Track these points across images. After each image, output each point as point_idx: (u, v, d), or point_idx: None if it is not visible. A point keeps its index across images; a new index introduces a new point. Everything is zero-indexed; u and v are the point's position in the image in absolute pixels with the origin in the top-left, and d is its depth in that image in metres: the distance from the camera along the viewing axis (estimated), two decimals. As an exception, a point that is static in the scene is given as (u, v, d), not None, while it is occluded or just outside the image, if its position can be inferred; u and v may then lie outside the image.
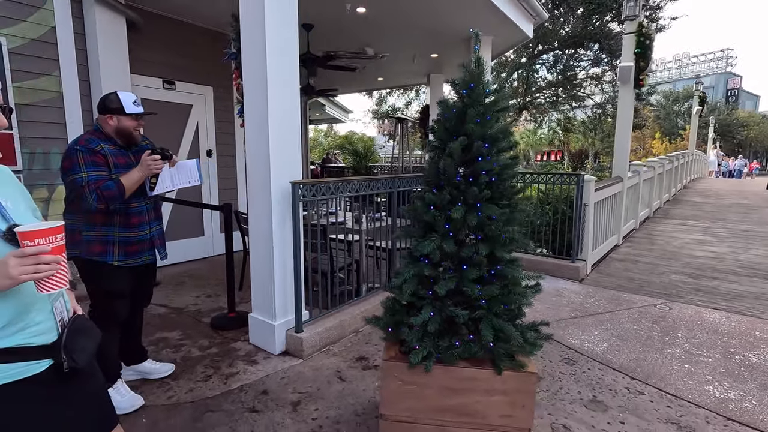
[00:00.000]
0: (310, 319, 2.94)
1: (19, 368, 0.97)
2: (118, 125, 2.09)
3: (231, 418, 2.15)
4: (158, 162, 2.07)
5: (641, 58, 5.69)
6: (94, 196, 1.93)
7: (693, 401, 2.37)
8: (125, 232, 2.11)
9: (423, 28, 5.31)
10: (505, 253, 1.68)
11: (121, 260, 2.11)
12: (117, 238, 2.09)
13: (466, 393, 1.68)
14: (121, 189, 1.99)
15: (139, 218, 2.16)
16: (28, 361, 0.98)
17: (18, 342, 0.97)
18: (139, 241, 2.17)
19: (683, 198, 11.11)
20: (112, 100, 2.07)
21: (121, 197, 2.00)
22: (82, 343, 1.08)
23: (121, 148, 2.13)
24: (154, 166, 2.07)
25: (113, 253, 2.08)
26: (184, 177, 2.28)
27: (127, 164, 2.11)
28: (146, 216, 2.20)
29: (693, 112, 16.70)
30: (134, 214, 2.14)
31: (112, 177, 2.02)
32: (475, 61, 1.69)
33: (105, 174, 2.01)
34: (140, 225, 2.16)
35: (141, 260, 2.20)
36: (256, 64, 2.64)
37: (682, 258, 5.48)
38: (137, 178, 2.05)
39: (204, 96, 5.18)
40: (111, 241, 2.07)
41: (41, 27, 3.67)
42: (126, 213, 2.11)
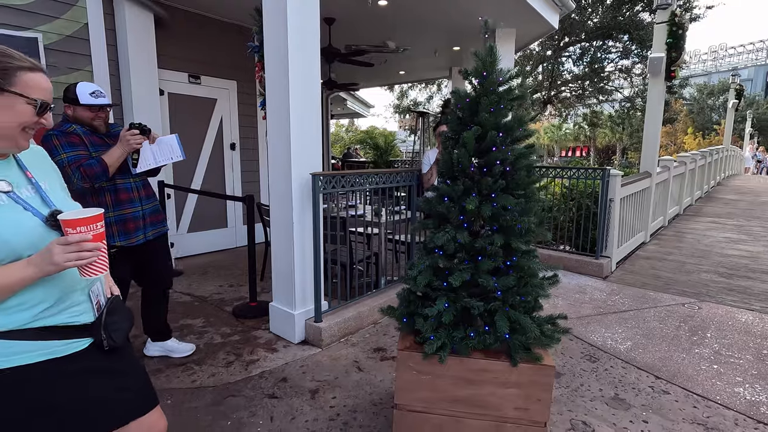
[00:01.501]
0: (329, 310, 2.98)
1: (61, 346, 1.02)
2: (74, 114, 2.12)
3: (251, 402, 2.21)
4: (137, 137, 2.10)
5: (673, 49, 5.47)
6: (77, 175, 1.97)
7: (721, 402, 2.29)
8: (118, 210, 2.16)
9: (444, 20, 5.25)
10: (521, 243, 1.66)
11: (123, 239, 2.17)
12: (113, 218, 2.14)
13: (480, 384, 1.68)
14: (104, 166, 2.02)
15: (128, 194, 2.21)
16: (68, 339, 1.03)
17: (61, 321, 1.02)
18: (134, 218, 2.22)
19: (716, 195, 10.67)
20: (70, 90, 2.11)
21: (104, 174, 2.03)
22: (118, 323, 1.14)
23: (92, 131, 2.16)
24: (133, 140, 2.09)
25: (113, 233, 2.14)
26: (166, 153, 2.30)
27: (103, 144, 2.14)
28: (135, 193, 2.24)
29: (729, 105, 15.98)
30: (122, 191, 2.18)
31: (92, 155, 2.06)
32: (487, 49, 1.67)
33: (84, 153, 2.04)
34: (131, 201, 2.21)
35: (139, 239, 2.25)
36: (278, 56, 2.67)
37: (713, 256, 5.27)
38: (118, 155, 2.08)
39: (228, 90, 5.28)
40: (109, 222, 2.11)
41: (75, 24, 3.82)
42: (114, 190, 2.15)
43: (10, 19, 3.44)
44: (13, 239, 0.94)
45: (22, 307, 0.96)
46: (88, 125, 2.14)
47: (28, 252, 0.96)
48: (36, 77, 1.00)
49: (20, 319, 0.96)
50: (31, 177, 1.06)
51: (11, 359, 0.95)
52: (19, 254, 0.95)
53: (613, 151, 30.52)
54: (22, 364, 0.96)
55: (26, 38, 3.52)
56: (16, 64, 0.98)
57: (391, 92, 18.93)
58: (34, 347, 0.98)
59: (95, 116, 2.14)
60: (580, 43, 13.11)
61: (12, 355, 0.95)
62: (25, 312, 0.97)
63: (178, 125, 4.78)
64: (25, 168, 1.06)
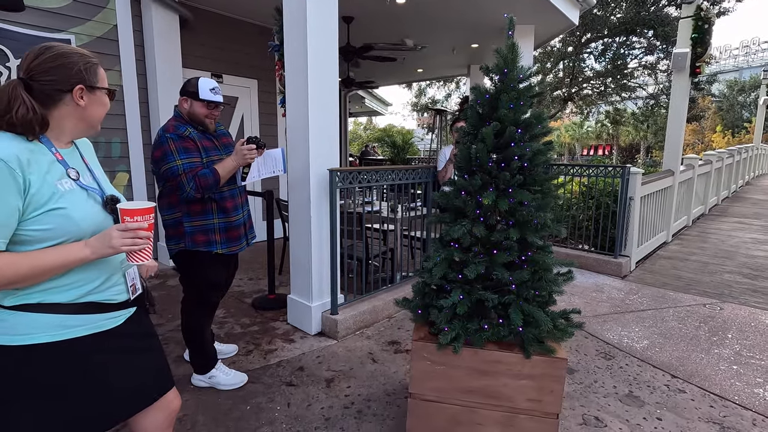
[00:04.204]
0: (345, 303, 3.04)
1: (103, 320, 1.12)
2: (190, 109, 2.07)
3: (269, 389, 2.29)
4: (253, 152, 2.06)
5: (698, 44, 5.33)
6: (192, 185, 1.93)
7: (739, 403, 2.26)
8: (224, 217, 2.11)
9: (462, 18, 5.25)
10: (537, 238, 1.68)
11: (224, 248, 2.12)
12: (217, 224, 2.09)
13: (493, 375, 1.71)
14: (217, 177, 1.98)
15: (233, 202, 2.15)
16: (107, 313, 1.13)
17: (105, 297, 1.12)
18: (237, 225, 2.17)
19: (744, 195, 10.34)
20: (191, 84, 2.08)
21: (216, 186, 2.00)
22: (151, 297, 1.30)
23: (204, 132, 2.12)
24: (249, 155, 2.04)
25: (216, 241, 2.09)
26: (269, 166, 2.25)
27: (214, 147, 2.12)
28: (239, 199, 2.20)
29: (760, 102, 15.39)
30: (228, 199, 2.12)
31: (204, 162, 2.02)
32: (508, 46, 1.69)
33: (197, 160, 2.00)
34: (235, 209, 2.16)
35: (241, 246, 2.21)
36: (298, 55, 2.74)
37: (737, 257, 5.13)
38: (232, 167, 2.04)
39: (249, 89, 5.40)
40: (212, 229, 2.08)
41: (105, 25, 3.98)
42: (221, 198, 2.10)
43: (45, 21, 3.62)
44: (83, 222, 1.04)
45: (76, 285, 1.06)
46: (200, 122, 2.09)
47: (90, 233, 1.05)
48: (102, 69, 1.13)
49: (72, 296, 1.06)
50: (87, 163, 1.16)
51: (63, 332, 1.04)
52: (84, 235, 1.04)
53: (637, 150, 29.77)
54: (71, 337, 1.05)
55: (60, 40, 3.69)
56: (95, 61, 1.10)
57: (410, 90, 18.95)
58: (83, 321, 1.07)
59: (209, 113, 2.10)
60: (602, 39, 12.85)
61: (64, 328, 1.04)
62: (78, 289, 1.06)
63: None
64: (83, 155, 1.16)
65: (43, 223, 0.98)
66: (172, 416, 1.32)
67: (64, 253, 1.00)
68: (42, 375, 1.03)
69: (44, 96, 1.02)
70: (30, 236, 0.98)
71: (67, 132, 1.09)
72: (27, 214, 0.97)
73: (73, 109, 1.06)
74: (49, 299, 1.02)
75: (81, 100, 1.06)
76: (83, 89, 1.06)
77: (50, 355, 1.03)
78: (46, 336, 1.02)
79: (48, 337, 1.02)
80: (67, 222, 1.01)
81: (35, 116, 0.99)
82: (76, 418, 1.08)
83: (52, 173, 1.02)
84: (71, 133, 1.11)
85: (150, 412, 1.24)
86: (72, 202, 1.02)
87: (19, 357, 1.00)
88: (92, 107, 1.09)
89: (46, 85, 1.01)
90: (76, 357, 1.07)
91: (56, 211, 0.99)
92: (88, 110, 1.09)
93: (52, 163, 1.03)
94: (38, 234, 0.98)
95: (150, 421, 1.25)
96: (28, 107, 0.98)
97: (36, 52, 1.03)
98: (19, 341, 1.00)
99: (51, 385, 1.04)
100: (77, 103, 1.06)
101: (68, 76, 1.03)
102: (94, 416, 1.11)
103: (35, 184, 0.97)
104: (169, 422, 1.31)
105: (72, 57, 1.05)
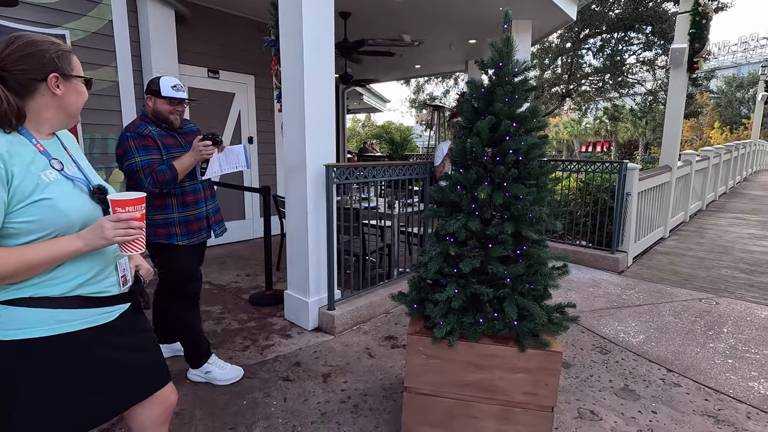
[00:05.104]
0: (342, 298, 3.05)
1: (97, 315, 1.11)
2: (154, 107, 2.15)
3: (266, 384, 2.30)
4: (209, 147, 2.13)
5: (696, 40, 5.33)
6: (149, 180, 2.01)
7: (734, 396, 2.27)
8: (184, 211, 2.18)
9: (460, 14, 5.23)
10: (532, 232, 1.68)
11: (185, 239, 2.19)
12: (177, 218, 2.17)
13: (488, 369, 1.71)
14: (174, 173, 2.06)
15: (195, 196, 2.23)
16: (101, 307, 1.12)
17: (98, 290, 1.11)
18: (198, 218, 2.24)
19: (742, 191, 10.36)
20: (153, 82, 2.15)
21: (174, 181, 2.08)
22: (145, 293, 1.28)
23: (168, 129, 2.20)
24: (205, 151, 2.12)
25: (176, 233, 2.17)
26: (231, 162, 2.33)
27: (176, 144, 2.19)
28: (201, 194, 2.27)
29: (758, 98, 15.41)
30: (189, 193, 2.21)
31: (164, 159, 2.10)
32: (503, 40, 1.68)
33: (157, 157, 2.08)
34: (197, 203, 2.24)
35: (201, 237, 2.29)
36: (294, 49, 2.73)
37: (734, 252, 5.15)
38: (189, 163, 2.11)
39: (246, 85, 5.38)
40: (172, 222, 2.16)
41: (100, 21, 3.95)
42: (181, 192, 2.18)
43: (39, 17, 3.59)
44: (72, 212, 1.03)
45: (68, 277, 1.05)
46: (165, 119, 2.16)
47: (80, 224, 1.05)
48: (76, 57, 1.12)
49: (64, 288, 1.05)
50: (71, 154, 1.15)
51: (58, 327, 1.04)
52: (73, 226, 1.03)
53: (636, 146, 29.77)
54: (67, 332, 1.05)
55: (55, 35, 3.65)
56: (67, 49, 1.09)
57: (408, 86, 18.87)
58: (75, 316, 1.06)
59: (173, 110, 2.17)
60: (600, 35, 12.82)
61: (59, 323, 1.04)
62: (70, 282, 1.06)
63: (197, 119, 4.89)
64: (66, 146, 1.15)
65: (30, 215, 0.97)
66: (168, 411, 1.32)
67: (55, 245, 1.00)
68: (38, 370, 1.03)
69: (19, 86, 1.01)
70: (17, 229, 0.97)
71: (47, 123, 1.08)
72: (12, 206, 0.96)
73: (50, 98, 1.05)
74: (41, 293, 1.02)
75: (57, 89, 1.05)
76: (58, 78, 1.04)
77: (46, 350, 1.03)
78: (40, 330, 1.02)
79: (42, 332, 1.02)
80: (54, 213, 1.00)
81: (10, 107, 0.98)
82: (73, 412, 1.08)
83: (35, 164, 1.01)
84: (51, 124, 1.10)
85: (146, 407, 1.24)
86: (57, 192, 1.02)
87: (15, 352, 1.00)
88: (69, 96, 1.08)
89: (19, 74, 1.00)
90: (72, 352, 1.07)
91: (42, 202, 0.98)
92: (65, 99, 1.08)
93: (35, 154, 1.03)
94: (25, 226, 0.98)
95: (146, 415, 1.26)
96: (2, 98, 0.97)
97: (6, 42, 1.02)
98: (13, 336, 0.99)
99: (48, 379, 1.04)
100: (53, 92, 1.05)
101: (41, 64, 1.02)
102: (90, 410, 1.11)
103: (18, 176, 0.96)
104: (165, 417, 1.31)
105: (43, 45, 1.04)
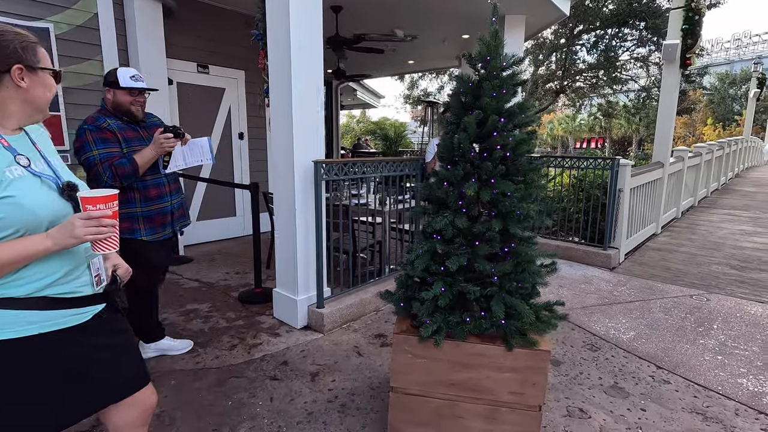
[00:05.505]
0: (332, 296, 3.01)
1: (67, 317, 1.07)
2: (114, 99, 2.09)
3: (252, 384, 2.26)
4: (171, 140, 2.08)
5: (689, 35, 5.31)
6: (108, 174, 1.96)
7: (723, 393, 2.27)
8: (147, 206, 2.14)
9: (453, 8, 5.18)
10: (519, 230, 1.65)
11: (149, 234, 2.15)
12: (140, 213, 2.12)
13: (476, 368, 1.69)
14: (135, 167, 2.01)
15: (158, 190, 2.18)
16: (72, 308, 1.08)
17: (69, 290, 1.07)
18: (162, 213, 2.20)
19: (734, 187, 10.42)
20: (111, 74, 2.09)
21: (134, 175, 2.03)
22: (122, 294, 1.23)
23: (129, 123, 2.13)
24: (166, 144, 2.07)
25: (140, 228, 2.13)
26: (196, 155, 2.28)
27: (138, 138, 2.13)
28: (165, 188, 2.22)
29: (750, 95, 15.51)
30: (152, 187, 2.15)
31: (124, 152, 2.04)
32: (491, 33, 1.65)
33: (116, 150, 2.03)
34: (160, 197, 2.19)
35: (166, 233, 2.24)
36: (281, 44, 2.68)
37: (725, 249, 5.17)
38: (150, 156, 2.06)
39: (236, 80, 5.31)
40: (135, 217, 2.12)
41: (85, 14, 3.87)
42: (144, 187, 2.13)
43: (22, 9, 3.50)
44: (39, 210, 0.99)
45: (34, 277, 1.01)
46: (126, 111, 2.11)
47: (49, 222, 1.00)
48: (42, 49, 1.07)
49: (30, 289, 1.01)
50: (40, 150, 1.10)
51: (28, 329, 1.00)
52: (41, 225, 0.99)
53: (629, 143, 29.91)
54: (34, 334, 1.01)
55: (38, 28, 3.57)
56: (33, 40, 1.05)
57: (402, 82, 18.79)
58: (44, 317, 1.02)
59: (134, 101, 2.12)
60: (594, 31, 12.81)
61: (28, 324, 1.00)
62: (37, 282, 1.01)
63: (186, 114, 4.84)
64: (35, 142, 1.11)
65: None
66: (147, 413, 1.29)
67: (23, 245, 0.96)
68: (8, 372, 1.00)
69: None
70: None
71: (12, 117, 1.04)
72: None
73: (14, 91, 1.01)
74: (7, 293, 0.98)
75: (22, 81, 1.01)
76: (22, 69, 1.00)
77: (16, 352, 0.99)
78: (9, 332, 0.98)
79: (12, 333, 0.98)
80: (19, 210, 0.96)
81: None
82: (44, 414, 1.05)
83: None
84: (18, 119, 1.05)
85: (124, 408, 1.20)
86: (22, 189, 0.97)
87: None
88: (35, 89, 1.04)
89: None
90: (44, 353, 1.03)
91: (5, 199, 0.94)
92: (31, 92, 1.04)
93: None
94: None
95: (124, 417, 1.22)
96: None
97: None
98: None
99: (18, 382, 1.01)
100: (18, 84, 1.01)
101: (4, 55, 0.98)
102: (64, 412, 1.08)
103: None
104: (144, 419, 1.28)
105: (6, 35, 1.00)
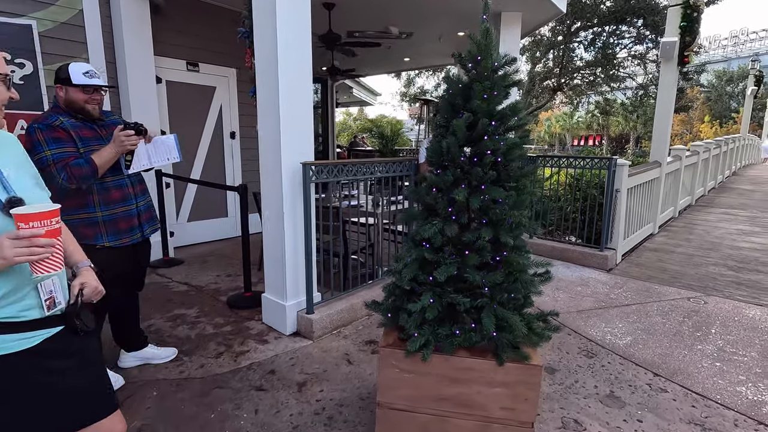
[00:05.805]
0: (322, 301, 2.94)
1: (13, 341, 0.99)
2: (66, 96, 1.94)
3: (237, 395, 2.19)
4: (132, 138, 1.94)
5: (687, 33, 5.24)
6: (63, 175, 1.82)
7: (722, 402, 2.21)
8: (108, 209, 2.00)
9: (447, 5, 5.08)
10: (511, 238, 1.58)
11: (113, 240, 2.01)
12: (101, 217, 1.98)
13: (465, 383, 1.62)
14: (93, 167, 1.87)
15: (121, 192, 2.04)
16: (15, 333, 1.00)
17: (7, 315, 0.99)
18: (127, 216, 2.06)
19: (731, 186, 10.39)
20: (62, 70, 1.94)
21: (93, 176, 1.88)
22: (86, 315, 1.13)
23: (84, 121, 1.99)
24: (128, 142, 1.93)
25: (102, 234, 1.99)
26: (162, 154, 2.13)
27: (96, 137, 1.99)
28: (129, 189, 2.08)
29: (747, 92, 15.47)
30: (114, 189, 2.02)
31: (81, 152, 1.90)
32: (482, 31, 1.57)
33: (72, 150, 1.88)
34: (124, 200, 2.06)
35: (134, 238, 2.10)
36: (268, 41, 2.59)
37: (723, 249, 5.11)
38: (110, 156, 1.91)
39: (227, 78, 5.21)
40: (96, 222, 1.98)
41: (70, 10, 3.76)
42: (104, 189, 1.99)
43: (3, 5, 3.39)
44: None
45: None
46: (80, 109, 1.96)
47: None
48: None
49: None
50: None
51: None
52: None
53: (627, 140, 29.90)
54: None
55: (20, 25, 3.47)
56: None
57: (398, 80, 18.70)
58: None
59: (89, 98, 1.97)
60: (591, 29, 12.72)
61: None
62: None
63: (176, 114, 4.74)
64: None
65: None
66: None
67: None
68: None
69: None
70: None
71: None
72: None
73: None
74: None
75: None
76: None
77: None
78: None
79: None
80: None
81: None
82: None
83: None
84: None
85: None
86: None
87: None
88: None
89: None
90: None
91: None
92: None
93: None
94: None
95: None
96: None
97: None
98: None
99: None
100: None
101: None
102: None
103: None
104: None
105: None
